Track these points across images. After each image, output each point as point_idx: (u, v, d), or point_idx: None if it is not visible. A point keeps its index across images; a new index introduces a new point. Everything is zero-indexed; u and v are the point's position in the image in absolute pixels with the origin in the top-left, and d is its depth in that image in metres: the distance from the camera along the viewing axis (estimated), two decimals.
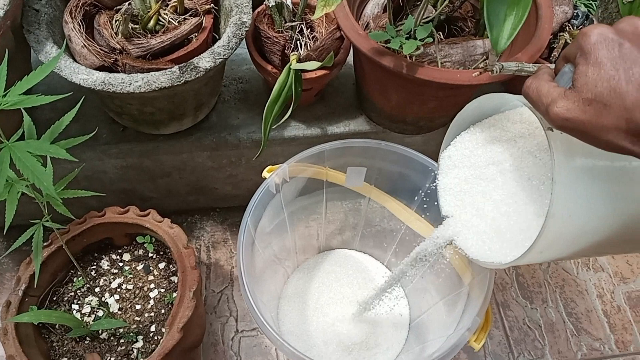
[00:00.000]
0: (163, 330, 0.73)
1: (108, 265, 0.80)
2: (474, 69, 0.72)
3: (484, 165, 0.55)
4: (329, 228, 0.95)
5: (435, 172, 0.61)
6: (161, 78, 0.65)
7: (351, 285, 0.93)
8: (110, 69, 0.70)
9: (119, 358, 0.72)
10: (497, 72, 0.56)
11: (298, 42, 0.78)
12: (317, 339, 0.86)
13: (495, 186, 0.54)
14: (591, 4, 1.31)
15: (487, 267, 0.53)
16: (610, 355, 0.93)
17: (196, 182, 0.96)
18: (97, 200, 0.88)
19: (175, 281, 0.78)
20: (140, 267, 0.80)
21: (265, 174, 0.74)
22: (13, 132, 0.51)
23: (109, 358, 0.72)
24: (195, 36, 0.74)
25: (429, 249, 0.61)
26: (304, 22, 0.79)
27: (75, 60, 0.70)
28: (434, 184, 0.61)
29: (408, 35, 0.70)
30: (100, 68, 0.70)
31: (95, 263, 0.80)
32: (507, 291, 0.99)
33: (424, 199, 0.78)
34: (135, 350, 0.72)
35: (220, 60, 0.68)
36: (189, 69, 0.66)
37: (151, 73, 0.66)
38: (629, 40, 0.33)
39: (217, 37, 0.79)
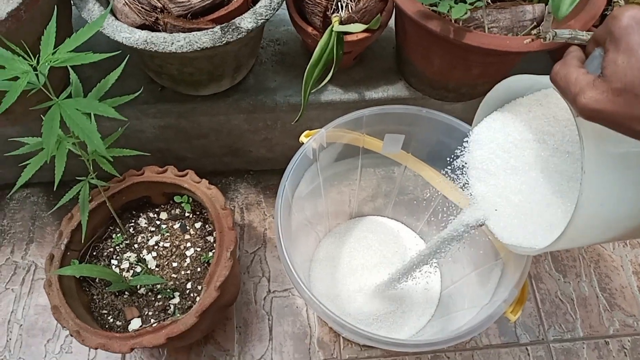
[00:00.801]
0: (199, 287, 0.75)
1: (146, 223, 0.82)
2: (523, 35, 0.69)
3: (513, 148, 0.53)
4: (362, 195, 0.95)
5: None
6: (203, 38, 0.64)
7: (383, 251, 0.93)
8: (151, 27, 0.70)
9: (157, 313, 0.74)
10: (550, 39, 0.53)
11: (339, 4, 0.76)
12: (348, 302, 0.87)
13: (524, 171, 0.52)
14: None
15: (517, 252, 0.52)
16: None
17: (232, 144, 0.96)
18: (134, 159, 0.89)
19: (211, 241, 0.79)
20: (177, 226, 0.81)
21: (302, 138, 0.73)
22: (55, 89, 0.51)
23: (146, 312, 0.74)
24: None
25: (460, 230, 0.60)
26: None
27: (116, 18, 0.70)
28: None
29: None
30: (141, 26, 0.69)
31: (133, 221, 0.82)
32: (541, 264, 0.98)
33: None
34: (172, 306, 0.74)
35: (262, 20, 0.67)
36: (230, 30, 0.65)
37: (193, 33, 0.65)
38: None
39: None
